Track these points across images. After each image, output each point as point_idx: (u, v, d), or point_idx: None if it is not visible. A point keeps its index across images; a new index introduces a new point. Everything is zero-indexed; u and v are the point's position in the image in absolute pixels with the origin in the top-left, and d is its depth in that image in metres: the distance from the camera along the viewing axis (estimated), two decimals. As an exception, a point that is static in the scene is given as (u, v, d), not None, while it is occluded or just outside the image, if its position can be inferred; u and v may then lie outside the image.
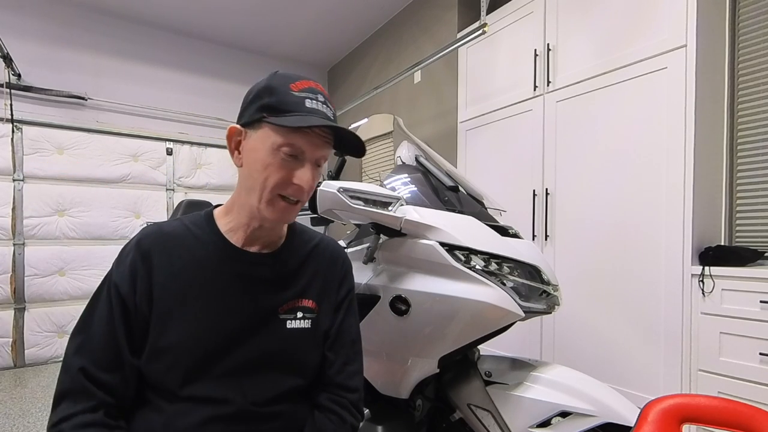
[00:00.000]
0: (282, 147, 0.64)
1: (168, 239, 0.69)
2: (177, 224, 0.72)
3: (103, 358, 0.63)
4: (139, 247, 0.67)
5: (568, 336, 1.89)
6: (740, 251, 1.47)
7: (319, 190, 1.01)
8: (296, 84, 0.66)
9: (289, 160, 0.65)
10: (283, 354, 0.71)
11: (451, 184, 1.13)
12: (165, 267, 0.67)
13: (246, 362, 0.67)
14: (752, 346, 1.35)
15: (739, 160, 1.65)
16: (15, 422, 2.07)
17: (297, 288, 0.74)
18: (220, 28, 3.52)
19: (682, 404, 0.68)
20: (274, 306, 0.71)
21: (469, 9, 2.67)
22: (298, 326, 0.72)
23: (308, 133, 0.64)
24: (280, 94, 0.64)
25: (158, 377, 0.65)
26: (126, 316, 0.65)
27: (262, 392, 0.68)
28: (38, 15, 3.03)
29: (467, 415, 1.00)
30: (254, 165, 0.66)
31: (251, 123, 0.66)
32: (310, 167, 0.67)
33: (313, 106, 0.65)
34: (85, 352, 0.63)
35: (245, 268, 0.71)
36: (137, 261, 0.66)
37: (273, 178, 0.65)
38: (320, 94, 0.67)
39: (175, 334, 0.65)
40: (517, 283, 0.99)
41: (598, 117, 1.79)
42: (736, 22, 1.67)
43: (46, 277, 3.02)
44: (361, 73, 3.80)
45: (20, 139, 2.96)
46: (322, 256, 0.80)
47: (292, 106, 0.64)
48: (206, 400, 0.64)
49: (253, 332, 0.68)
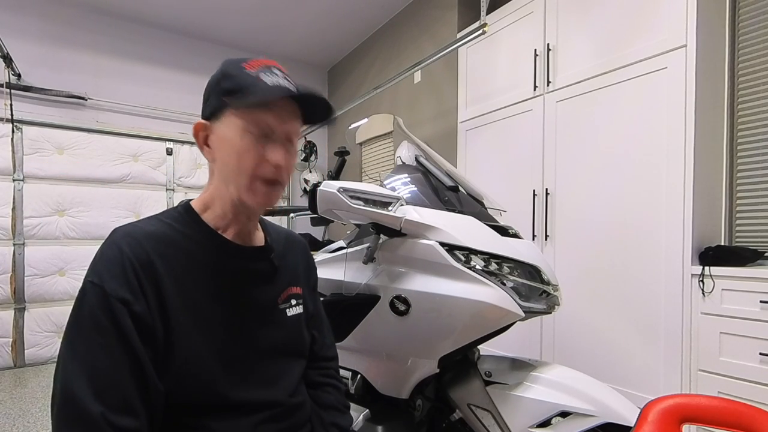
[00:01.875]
0: (250, 128, 0.62)
1: (161, 242, 0.62)
2: (157, 223, 0.64)
3: (127, 396, 0.52)
4: (136, 254, 0.57)
5: (568, 336, 1.89)
6: (740, 251, 1.47)
7: (319, 190, 1.01)
8: (250, 63, 0.64)
9: (260, 140, 0.63)
10: (290, 342, 0.74)
11: (451, 184, 1.13)
12: (169, 273, 0.60)
13: (266, 358, 0.68)
14: (752, 346, 1.35)
15: (739, 160, 1.65)
16: (15, 422, 2.07)
17: (287, 277, 0.77)
18: (220, 28, 3.52)
19: (682, 404, 0.68)
20: (273, 297, 0.73)
21: (469, 9, 2.67)
22: (296, 313, 0.76)
23: (273, 109, 0.62)
24: (235, 77, 0.63)
25: (190, 393, 0.58)
26: (146, 338, 0.55)
27: (290, 382, 0.70)
28: (38, 15, 3.03)
29: (467, 415, 1.00)
30: (226, 154, 0.64)
31: (214, 113, 0.65)
32: (282, 144, 0.64)
33: (273, 81, 0.62)
34: (101, 393, 0.50)
35: (246, 263, 0.70)
36: (139, 270, 0.56)
37: (247, 161, 0.62)
38: (276, 68, 0.65)
39: (201, 345, 0.60)
40: (517, 283, 0.99)
41: (598, 117, 1.79)
42: (736, 22, 1.67)
43: (46, 277, 3.02)
44: (361, 73, 3.80)
45: (20, 139, 2.96)
46: (294, 244, 0.84)
47: (249, 85, 0.62)
48: (251, 405, 0.63)
49: (262, 326, 0.69)
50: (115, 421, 0.50)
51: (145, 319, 0.55)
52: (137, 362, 0.53)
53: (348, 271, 1.14)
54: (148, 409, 0.54)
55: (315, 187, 1.02)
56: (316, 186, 1.02)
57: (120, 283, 0.55)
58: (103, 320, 0.53)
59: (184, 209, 0.68)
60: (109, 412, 0.50)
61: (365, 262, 1.08)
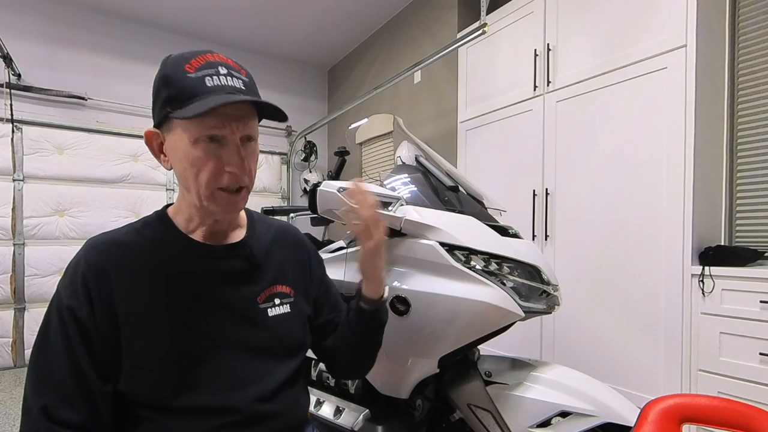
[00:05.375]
0: (199, 139, 0.59)
1: (122, 249, 0.63)
2: (128, 231, 0.66)
3: (67, 393, 0.56)
4: (90, 264, 0.60)
5: (568, 336, 1.89)
6: (740, 251, 1.47)
7: (319, 190, 1.01)
8: (191, 63, 0.60)
9: (213, 147, 0.60)
10: (272, 342, 0.69)
11: (451, 184, 1.13)
12: (126, 280, 0.61)
13: (238, 359, 0.65)
14: (752, 346, 1.35)
15: (739, 160, 1.65)
16: (15, 422, 2.07)
17: (270, 275, 0.73)
18: (220, 28, 3.52)
19: (682, 404, 0.68)
20: (252, 296, 0.69)
21: (469, 9, 2.67)
22: (280, 312, 0.72)
23: (221, 115, 0.58)
24: (176, 82, 0.59)
25: (145, 393, 0.60)
26: (88, 342, 0.58)
27: (264, 386, 0.66)
28: (38, 15, 3.03)
29: (467, 415, 1.00)
30: (181, 164, 0.61)
31: (162, 122, 0.62)
32: (236, 148, 0.61)
33: (215, 83, 0.59)
34: (44, 390, 0.56)
35: (216, 263, 0.67)
36: (89, 279, 0.59)
37: (204, 173, 0.60)
38: (221, 65, 0.61)
39: (155, 347, 0.60)
40: (517, 283, 0.99)
41: (598, 117, 1.79)
42: (736, 22, 1.67)
43: (46, 277, 3.02)
44: (361, 73, 3.80)
45: (20, 139, 2.96)
46: (285, 242, 0.80)
47: (190, 91, 0.58)
48: (208, 410, 0.61)
49: (238, 327, 0.66)
50: (55, 414, 0.55)
51: (88, 325, 0.58)
52: (78, 364, 0.57)
53: (348, 271, 1.14)
54: (90, 406, 0.57)
55: (315, 187, 1.02)
56: (316, 186, 1.02)
57: (70, 292, 0.59)
58: (57, 324, 0.58)
59: (158, 214, 0.70)
60: (50, 406, 0.55)
61: (365, 262, 1.08)
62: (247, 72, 0.65)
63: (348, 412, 1.14)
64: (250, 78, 0.64)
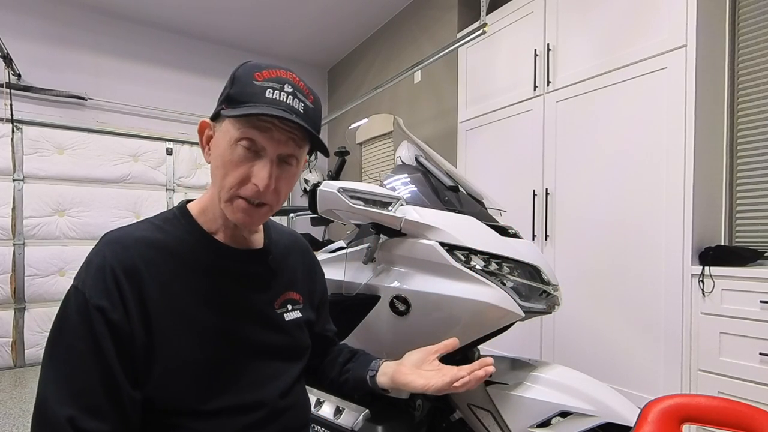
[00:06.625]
0: (239, 141, 0.58)
1: (150, 246, 0.60)
2: (149, 227, 0.63)
3: (94, 401, 0.52)
4: (119, 261, 0.57)
5: (568, 336, 1.89)
6: (740, 251, 1.47)
7: (319, 190, 1.01)
8: (262, 73, 0.60)
9: (249, 155, 0.59)
10: (288, 345, 0.72)
11: (451, 184, 1.13)
12: (155, 278, 0.58)
13: (258, 360, 0.66)
14: (752, 346, 1.35)
15: (739, 160, 1.65)
16: (15, 422, 2.07)
17: (284, 281, 0.75)
18: (220, 28, 3.53)
19: (682, 404, 0.68)
20: (269, 301, 0.71)
21: (469, 9, 2.67)
22: (293, 317, 0.74)
23: (269, 128, 0.58)
24: (240, 84, 0.59)
25: (175, 397, 0.58)
26: (121, 347, 0.54)
27: (282, 385, 0.68)
28: (38, 15, 3.03)
29: (467, 415, 1.00)
30: (216, 161, 0.61)
31: (216, 117, 0.62)
32: (269, 164, 0.60)
33: (274, 97, 0.58)
34: (71, 398, 0.51)
35: (238, 266, 0.68)
36: (120, 277, 0.56)
37: (230, 176, 0.60)
38: (288, 83, 0.60)
39: (187, 350, 0.59)
40: (517, 283, 0.99)
41: (598, 117, 1.79)
42: (736, 22, 1.67)
43: (46, 277, 3.02)
44: (361, 73, 3.80)
45: (20, 139, 2.96)
46: (297, 248, 0.82)
47: (248, 96, 0.58)
48: (236, 409, 0.61)
49: (258, 330, 0.67)
50: (82, 425, 0.50)
51: (122, 327, 0.54)
52: (108, 369, 0.53)
53: (348, 271, 1.14)
54: (119, 414, 0.54)
55: (315, 187, 1.02)
56: (316, 186, 1.02)
57: (99, 290, 0.55)
58: (80, 326, 0.53)
59: (180, 211, 0.68)
60: (76, 416, 0.50)
61: (365, 262, 1.08)
62: (315, 98, 0.65)
63: (348, 412, 1.14)
64: (316, 106, 0.65)
